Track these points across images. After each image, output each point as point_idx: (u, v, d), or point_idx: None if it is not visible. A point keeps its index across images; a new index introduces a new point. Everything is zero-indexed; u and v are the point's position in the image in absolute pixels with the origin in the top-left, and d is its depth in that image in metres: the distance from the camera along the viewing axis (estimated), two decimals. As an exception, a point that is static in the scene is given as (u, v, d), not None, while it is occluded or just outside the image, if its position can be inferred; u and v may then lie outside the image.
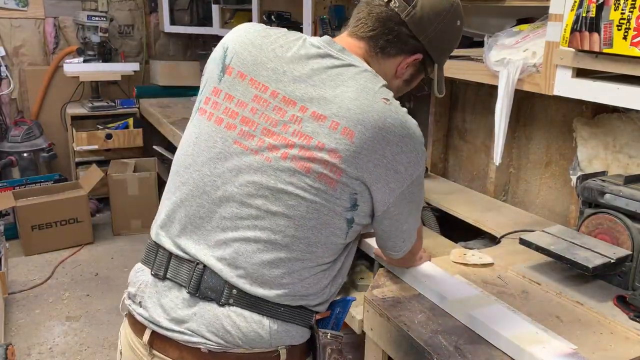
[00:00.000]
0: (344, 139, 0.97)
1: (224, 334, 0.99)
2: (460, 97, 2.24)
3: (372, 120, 0.98)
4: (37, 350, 2.65)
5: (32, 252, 3.56)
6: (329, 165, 0.97)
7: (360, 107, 0.98)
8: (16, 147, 3.90)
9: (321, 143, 0.97)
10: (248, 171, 1.00)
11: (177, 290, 1.03)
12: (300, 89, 1.01)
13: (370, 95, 1.00)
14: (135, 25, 4.47)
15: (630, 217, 1.25)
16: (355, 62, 1.05)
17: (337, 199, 0.99)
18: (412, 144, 1.01)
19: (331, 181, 0.98)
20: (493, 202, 1.99)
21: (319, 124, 0.98)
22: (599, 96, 1.25)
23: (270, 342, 1.01)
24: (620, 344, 1.10)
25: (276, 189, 0.99)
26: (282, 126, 1.00)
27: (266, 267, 1.00)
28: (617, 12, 1.13)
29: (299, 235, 1.00)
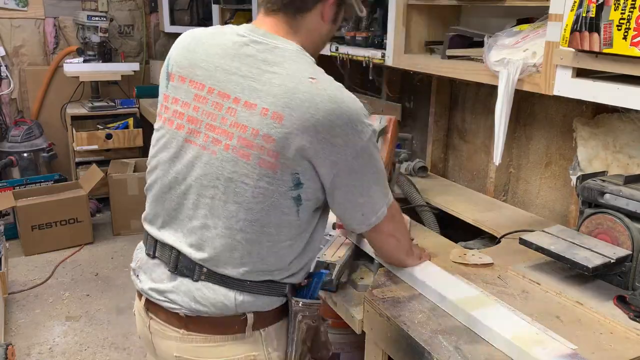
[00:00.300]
0: (275, 123, 1.03)
1: (196, 303, 1.13)
2: (460, 97, 2.24)
3: (299, 101, 1.03)
4: (37, 350, 2.65)
5: (32, 252, 3.56)
6: (265, 150, 1.04)
7: (286, 91, 1.04)
8: (16, 147, 3.90)
9: (255, 130, 1.05)
10: (200, 165, 1.11)
11: (163, 267, 1.19)
12: (232, 82, 1.09)
13: (295, 78, 1.06)
14: (135, 25, 4.47)
15: (630, 217, 1.25)
16: (279, 44, 1.11)
17: (279, 180, 1.06)
18: (346, 116, 1.05)
19: (270, 164, 1.05)
20: (493, 202, 1.99)
21: (251, 112, 1.06)
22: (599, 96, 1.25)
23: (236, 310, 1.13)
24: (620, 344, 1.10)
25: (223, 178, 1.08)
26: (220, 119, 1.09)
27: (226, 251, 1.11)
28: (617, 12, 1.13)
29: (250, 219, 1.09)
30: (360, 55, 2.11)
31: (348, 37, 2.19)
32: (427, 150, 2.38)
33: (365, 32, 2.09)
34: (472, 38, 1.75)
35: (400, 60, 1.92)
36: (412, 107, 2.53)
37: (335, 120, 1.03)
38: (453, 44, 1.75)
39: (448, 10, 1.98)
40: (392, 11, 1.91)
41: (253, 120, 1.05)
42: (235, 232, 1.10)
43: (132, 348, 2.69)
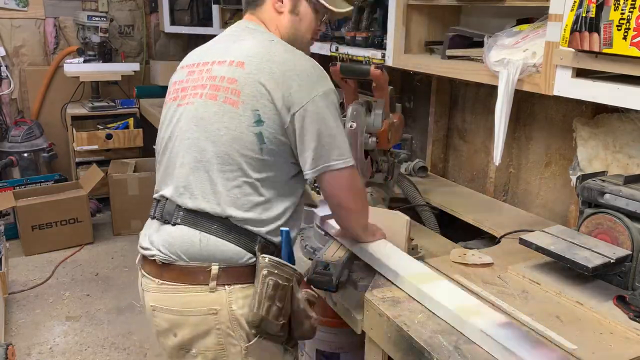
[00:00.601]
0: (238, 69, 1.25)
1: (169, 247, 1.26)
2: (460, 97, 2.24)
3: (259, 52, 1.26)
4: (37, 350, 2.65)
5: (32, 252, 3.56)
6: (229, 90, 1.24)
7: (250, 48, 1.28)
8: (16, 147, 3.90)
9: (221, 76, 1.26)
10: (184, 117, 1.30)
11: (155, 221, 1.33)
12: (213, 53, 1.34)
13: (259, 42, 1.29)
14: (135, 25, 4.47)
15: (630, 217, 1.25)
16: (253, 27, 1.36)
17: (241, 115, 1.22)
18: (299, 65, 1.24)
19: (234, 102, 1.23)
20: (493, 202, 1.99)
21: (221, 66, 1.28)
22: (599, 96, 1.25)
23: (201, 255, 1.24)
24: (620, 344, 1.10)
25: (196, 119, 1.27)
26: (200, 79, 1.31)
27: (202, 182, 1.25)
28: (617, 12, 1.13)
29: (216, 151, 1.23)
30: (360, 55, 2.11)
31: (348, 37, 2.19)
32: (427, 150, 2.38)
33: (365, 32, 2.10)
34: (472, 38, 1.75)
35: (400, 60, 1.92)
36: (412, 107, 2.53)
37: (290, 64, 1.23)
38: (453, 44, 1.75)
39: (448, 10, 1.98)
40: (392, 11, 1.91)
41: (221, 71, 1.27)
42: (204, 163, 1.24)
43: (132, 348, 2.69)
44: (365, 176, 1.76)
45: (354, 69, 1.69)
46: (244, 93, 1.22)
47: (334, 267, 1.40)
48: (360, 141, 1.63)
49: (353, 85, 1.76)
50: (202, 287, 1.23)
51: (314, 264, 1.43)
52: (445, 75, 1.83)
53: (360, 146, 1.64)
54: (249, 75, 1.22)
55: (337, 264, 1.42)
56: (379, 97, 1.69)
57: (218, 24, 3.73)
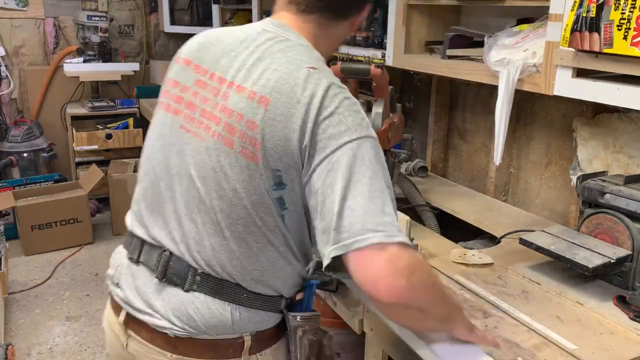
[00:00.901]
0: (260, 107, 0.94)
1: (188, 319, 1.00)
2: (460, 97, 2.24)
3: (289, 87, 0.93)
4: (37, 350, 2.65)
5: (32, 252, 3.56)
6: (248, 138, 0.94)
7: (280, 76, 0.95)
8: (16, 147, 3.90)
9: (239, 114, 0.95)
10: (190, 154, 1.01)
11: (149, 274, 1.05)
12: (233, 67, 1.01)
13: (293, 65, 0.96)
14: (135, 25, 4.47)
15: (630, 217, 1.25)
16: (291, 37, 1.03)
17: (261, 175, 0.94)
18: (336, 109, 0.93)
19: (253, 156, 0.94)
20: (493, 202, 1.99)
21: (240, 95, 0.96)
22: (599, 96, 1.25)
23: (234, 329, 1.01)
24: (620, 344, 1.10)
25: (208, 167, 0.98)
26: (213, 105, 1.00)
27: (214, 249, 1.00)
28: (617, 12, 1.13)
29: (234, 216, 0.97)
30: (360, 55, 2.11)
31: (348, 37, 2.19)
32: (427, 150, 2.38)
33: (365, 32, 2.09)
34: (472, 38, 1.75)
35: (400, 60, 1.92)
36: (412, 107, 2.53)
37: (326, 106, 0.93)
38: (453, 44, 1.75)
39: (448, 10, 1.98)
40: (392, 11, 1.91)
41: (239, 104, 0.96)
42: (221, 229, 0.98)
43: (132, 348, 2.69)
44: (365, 176, 1.76)
45: (354, 69, 1.69)
46: (264, 146, 0.93)
47: (334, 267, 1.40)
48: (360, 141, 1.63)
49: (353, 85, 1.76)
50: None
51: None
52: (445, 75, 1.83)
53: (360, 146, 1.63)
54: (273, 123, 0.93)
55: (337, 264, 1.42)
56: (379, 96, 1.69)
57: (218, 23, 3.73)
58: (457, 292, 1.30)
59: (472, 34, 1.75)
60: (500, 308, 1.22)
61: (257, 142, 0.94)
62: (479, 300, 1.26)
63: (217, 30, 1.12)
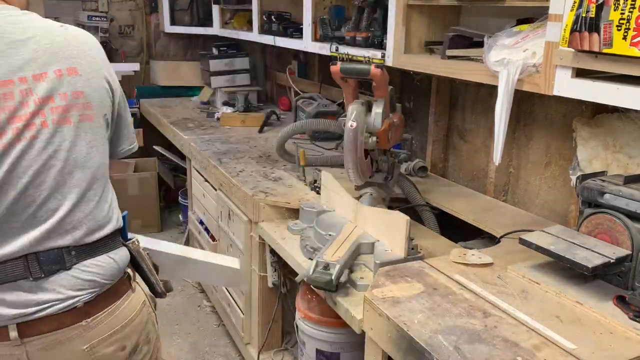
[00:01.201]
0: (74, 77, 1.10)
1: (90, 283, 1.14)
2: (460, 97, 2.25)
3: (75, 49, 1.14)
4: (37, 350, 2.65)
5: (32, 252, 3.55)
6: (83, 105, 1.11)
7: (61, 46, 1.12)
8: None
9: (63, 94, 1.08)
10: (20, 161, 1.06)
11: (18, 287, 1.08)
12: (17, 64, 1.06)
13: (53, 32, 1.13)
14: (135, 25, 4.47)
15: (630, 217, 1.25)
16: (23, 13, 1.12)
17: (99, 127, 1.16)
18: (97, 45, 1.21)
19: (88, 116, 1.12)
20: (493, 202, 1.99)
21: (42, 83, 1.07)
22: (599, 96, 1.25)
23: (120, 268, 1.20)
24: (620, 344, 1.10)
25: (53, 154, 1.08)
26: (25, 107, 1.05)
27: (76, 216, 1.12)
28: (616, 12, 1.13)
29: (87, 177, 1.14)
30: (360, 55, 2.11)
31: (348, 37, 2.20)
32: (427, 150, 2.38)
33: (365, 32, 2.10)
34: (472, 38, 1.75)
35: (400, 60, 1.92)
36: (412, 107, 2.53)
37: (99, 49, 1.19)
38: (453, 44, 1.75)
39: (448, 10, 1.98)
40: (392, 11, 1.91)
41: (57, 87, 1.08)
42: (80, 196, 1.12)
43: (133, 348, 2.69)
44: (365, 176, 1.76)
45: (354, 69, 1.69)
46: (95, 103, 1.14)
47: (334, 267, 1.41)
48: (360, 140, 1.63)
49: (353, 85, 1.76)
50: (128, 293, 1.23)
51: (314, 264, 1.43)
52: (445, 75, 1.83)
53: (360, 145, 1.64)
54: (90, 79, 1.13)
55: (337, 264, 1.42)
56: (379, 96, 1.69)
57: (218, 24, 3.73)
58: (457, 292, 1.30)
59: (472, 34, 1.75)
60: (500, 308, 1.22)
61: (88, 104, 1.14)
62: (479, 300, 1.26)
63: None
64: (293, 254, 1.72)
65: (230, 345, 2.70)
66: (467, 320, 1.18)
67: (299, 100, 3.13)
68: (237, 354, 2.62)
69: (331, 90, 3.14)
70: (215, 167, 2.47)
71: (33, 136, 1.06)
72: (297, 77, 3.54)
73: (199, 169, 2.80)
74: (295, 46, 2.72)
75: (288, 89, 3.68)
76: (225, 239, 2.42)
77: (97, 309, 1.16)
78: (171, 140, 3.38)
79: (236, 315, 2.39)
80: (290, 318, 2.12)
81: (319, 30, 2.46)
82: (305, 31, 2.54)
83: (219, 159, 2.53)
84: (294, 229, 1.86)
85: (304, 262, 1.66)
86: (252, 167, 2.41)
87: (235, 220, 2.23)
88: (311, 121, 2.48)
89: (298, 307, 1.85)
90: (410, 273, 1.39)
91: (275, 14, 2.94)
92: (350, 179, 1.74)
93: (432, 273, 1.40)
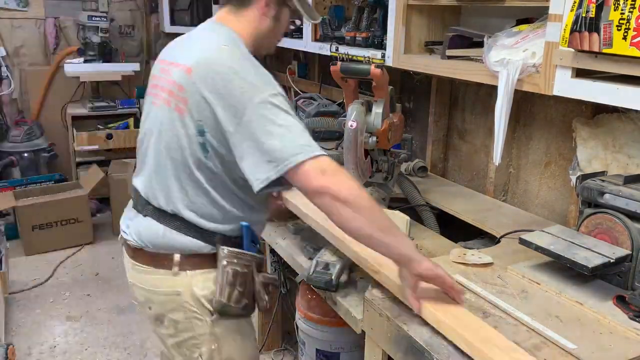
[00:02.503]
0: (185, 74, 1.27)
1: (139, 235, 1.39)
2: (460, 97, 2.25)
3: (205, 58, 1.27)
4: (37, 350, 2.65)
5: (32, 252, 3.56)
6: (178, 97, 1.28)
7: (201, 52, 1.30)
8: (17, 147, 3.91)
9: (172, 80, 1.31)
10: (151, 118, 1.39)
11: (132, 210, 1.44)
12: (177, 52, 1.39)
13: (213, 44, 1.32)
14: (135, 25, 4.47)
15: (630, 217, 1.25)
16: (216, 28, 1.38)
17: (187, 125, 1.27)
18: (243, 74, 1.23)
19: (181, 110, 1.28)
20: (493, 202, 1.99)
21: (177, 69, 1.31)
22: (599, 96, 1.25)
23: (165, 244, 1.35)
24: (620, 344, 1.10)
25: (157, 124, 1.35)
26: (165, 81, 1.35)
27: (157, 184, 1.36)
28: (616, 12, 1.13)
29: (170, 156, 1.31)
30: (360, 56, 2.11)
31: (348, 37, 2.20)
32: (427, 150, 2.38)
33: (365, 32, 2.10)
34: (472, 38, 1.75)
35: (400, 60, 1.92)
36: (412, 107, 2.53)
37: (233, 76, 1.22)
38: (453, 44, 1.75)
39: (448, 10, 1.98)
40: (392, 11, 1.91)
41: (175, 75, 1.31)
42: (161, 168, 1.33)
43: (133, 348, 2.69)
44: (365, 176, 1.76)
45: (354, 69, 1.69)
46: (187, 102, 1.26)
47: (334, 267, 1.41)
48: (360, 140, 1.64)
49: (353, 85, 1.76)
50: (167, 271, 1.35)
51: (314, 264, 1.43)
52: (445, 75, 1.83)
53: (360, 145, 1.64)
54: (194, 84, 1.25)
55: (337, 264, 1.42)
56: (379, 96, 1.69)
57: (218, 24, 3.73)
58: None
59: (472, 34, 1.75)
60: (500, 308, 1.22)
61: (183, 99, 1.28)
62: (479, 300, 1.26)
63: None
64: (293, 254, 1.72)
65: (230, 345, 2.70)
66: (467, 320, 1.18)
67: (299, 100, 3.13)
68: (237, 354, 2.62)
69: (331, 90, 3.14)
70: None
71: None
72: (297, 77, 3.54)
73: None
74: (295, 46, 2.72)
75: (288, 89, 3.67)
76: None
77: (141, 260, 1.40)
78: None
79: (236, 315, 2.39)
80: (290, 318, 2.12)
81: (319, 30, 2.46)
82: (305, 31, 2.54)
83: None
84: (294, 229, 1.86)
85: (304, 262, 1.66)
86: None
87: (236, 220, 2.23)
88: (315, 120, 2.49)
89: (298, 307, 1.85)
90: (410, 273, 1.39)
91: (275, 14, 2.93)
92: (350, 179, 1.74)
93: (432, 273, 1.39)
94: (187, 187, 1.32)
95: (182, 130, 1.28)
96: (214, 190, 1.32)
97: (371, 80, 1.66)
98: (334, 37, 2.34)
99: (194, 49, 1.33)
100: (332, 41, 2.33)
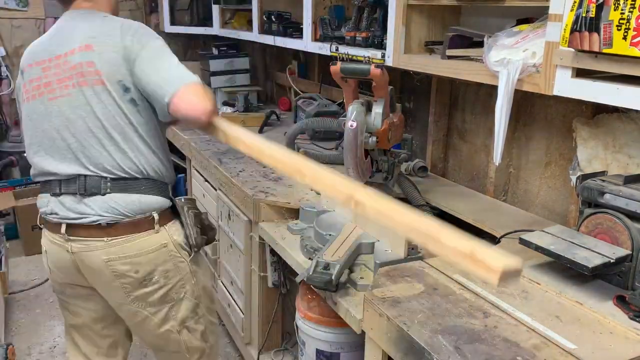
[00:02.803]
0: (86, 52, 1.46)
1: (112, 211, 1.51)
2: (460, 97, 2.25)
3: (99, 27, 1.49)
4: (37, 350, 2.65)
5: (32, 252, 3.56)
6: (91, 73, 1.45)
7: (90, 29, 1.50)
8: (17, 147, 3.90)
9: (75, 65, 1.47)
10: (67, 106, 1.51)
11: (72, 196, 1.52)
12: (61, 46, 1.52)
13: (96, 20, 1.52)
14: (135, 25, 4.47)
15: (630, 217, 1.25)
16: (84, 13, 1.55)
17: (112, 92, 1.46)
18: (135, 23, 1.53)
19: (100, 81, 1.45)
20: (493, 202, 1.99)
21: (71, 56, 1.48)
22: (599, 96, 1.25)
23: (142, 208, 1.53)
24: (620, 344, 1.10)
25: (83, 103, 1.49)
26: (64, 72, 1.49)
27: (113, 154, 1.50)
28: (616, 12, 1.13)
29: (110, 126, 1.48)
30: (360, 55, 2.11)
31: (348, 37, 2.19)
32: (427, 150, 2.38)
33: (365, 32, 2.10)
34: (472, 38, 1.75)
35: (400, 60, 1.92)
36: (412, 107, 2.53)
37: (127, 29, 1.49)
38: (453, 44, 1.75)
39: (448, 10, 1.98)
40: (392, 11, 1.91)
41: (76, 59, 1.46)
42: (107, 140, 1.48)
43: (132, 348, 2.68)
44: (365, 176, 1.76)
45: (354, 69, 1.69)
46: (104, 72, 1.44)
47: (334, 267, 1.41)
48: (360, 140, 1.63)
49: (353, 85, 1.76)
50: (149, 231, 1.56)
51: (314, 264, 1.43)
52: (445, 75, 1.83)
53: (360, 145, 1.64)
54: (100, 55, 1.45)
55: (337, 264, 1.42)
56: (379, 96, 1.69)
57: (218, 24, 3.73)
58: (457, 292, 1.30)
59: (472, 34, 1.75)
60: (500, 308, 1.22)
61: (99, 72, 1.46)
62: (479, 300, 1.26)
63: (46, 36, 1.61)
64: (293, 254, 1.72)
65: (230, 345, 2.70)
66: (467, 320, 1.18)
67: (299, 100, 3.13)
68: (237, 354, 2.62)
69: (331, 90, 3.14)
70: (215, 167, 2.48)
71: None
72: (297, 77, 3.54)
73: (199, 169, 2.80)
74: (295, 46, 2.72)
75: (288, 89, 3.68)
76: (226, 239, 2.42)
77: (117, 233, 1.52)
78: (171, 140, 3.37)
79: (236, 315, 2.39)
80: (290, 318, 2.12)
81: (319, 30, 2.46)
82: (305, 31, 2.54)
83: (219, 159, 2.54)
84: (294, 229, 1.86)
85: (304, 262, 1.66)
86: (252, 167, 2.41)
87: (235, 220, 2.23)
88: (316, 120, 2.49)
89: (298, 307, 1.85)
90: (410, 273, 1.40)
91: (275, 14, 2.94)
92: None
93: (432, 273, 1.40)
94: (140, 147, 1.51)
95: (109, 99, 1.46)
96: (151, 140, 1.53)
97: (371, 80, 1.66)
98: (334, 37, 2.34)
99: (77, 33, 1.49)
100: (332, 41, 2.33)
